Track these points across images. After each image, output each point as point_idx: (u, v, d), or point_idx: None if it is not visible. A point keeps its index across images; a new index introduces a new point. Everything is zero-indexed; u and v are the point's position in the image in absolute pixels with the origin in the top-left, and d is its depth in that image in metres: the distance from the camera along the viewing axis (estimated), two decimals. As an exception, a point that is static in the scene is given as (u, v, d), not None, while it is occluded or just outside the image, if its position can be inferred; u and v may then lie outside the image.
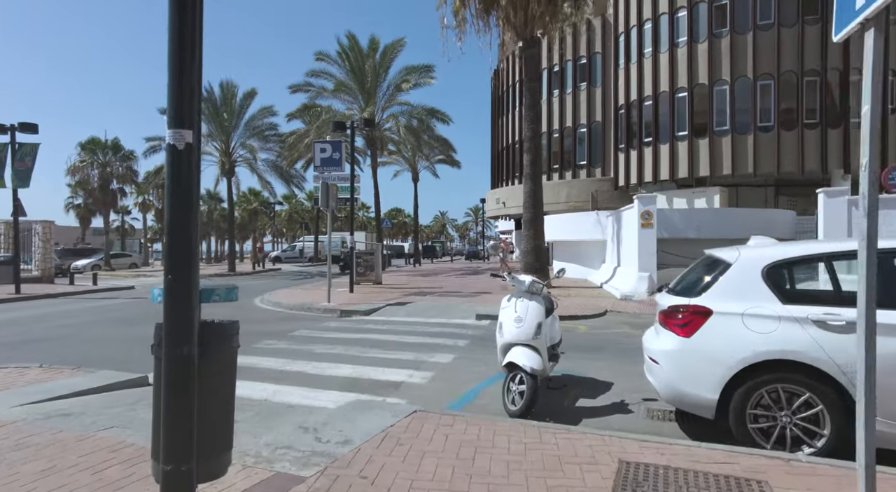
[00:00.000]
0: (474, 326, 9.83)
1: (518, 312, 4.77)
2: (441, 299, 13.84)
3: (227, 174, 30.15)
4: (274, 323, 10.61)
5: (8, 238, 22.90)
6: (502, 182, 35.99)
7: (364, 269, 19.35)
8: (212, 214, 52.07)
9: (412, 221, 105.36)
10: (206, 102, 29.57)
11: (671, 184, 25.20)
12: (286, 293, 16.14)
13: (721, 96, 23.20)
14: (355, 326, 10.04)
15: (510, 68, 34.93)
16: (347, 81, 26.74)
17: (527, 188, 16.85)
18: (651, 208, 13.73)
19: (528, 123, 16.81)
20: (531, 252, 16.66)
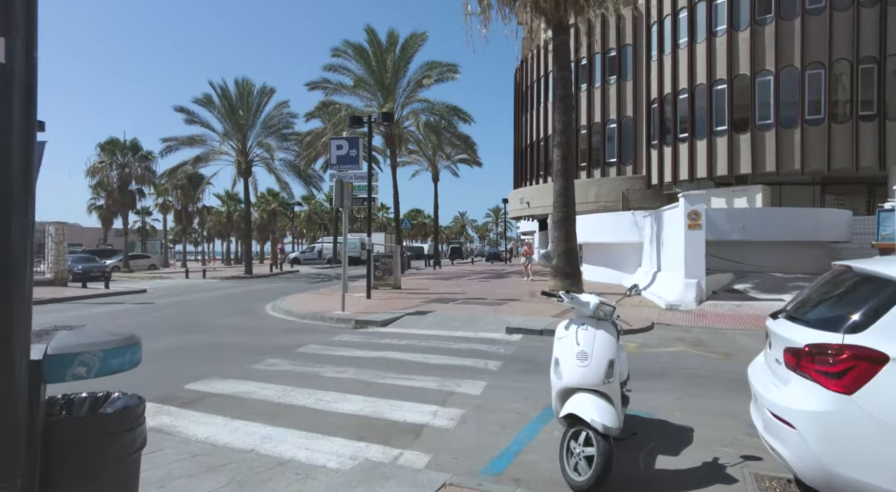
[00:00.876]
0: (505, 342, 8.64)
1: (581, 345, 3.57)
2: (465, 308, 12.68)
3: (244, 174, 29.45)
4: (282, 335, 9.57)
5: (22, 240, 22.49)
6: (526, 181, 34.66)
7: (382, 272, 18.29)
8: (231, 216, 51.79)
9: (431, 222, 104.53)
10: (221, 100, 28.98)
11: (709, 182, 23.60)
12: (300, 299, 15.16)
13: (764, 88, 21.57)
14: (371, 340, 8.93)
15: (534, 63, 33.58)
16: (366, 77, 25.77)
17: (557, 186, 15.58)
18: (699, 207, 12.35)
19: (560, 115, 15.54)
20: (562, 256, 15.37)
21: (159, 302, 15.91)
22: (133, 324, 11.13)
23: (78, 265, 26.13)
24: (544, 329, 9.28)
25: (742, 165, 22.09)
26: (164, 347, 8.37)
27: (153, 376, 6.45)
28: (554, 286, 15.32)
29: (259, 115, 29.72)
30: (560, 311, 11.69)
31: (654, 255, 16.14)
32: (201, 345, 8.63)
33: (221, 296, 17.95)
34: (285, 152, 30.96)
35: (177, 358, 7.58)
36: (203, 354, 7.85)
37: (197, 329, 10.37)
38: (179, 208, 45.29)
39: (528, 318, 10.65)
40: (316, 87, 27.52)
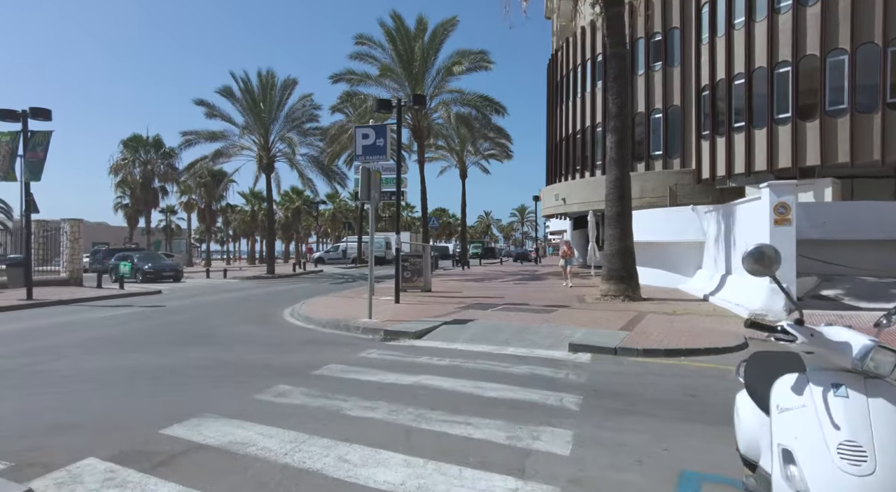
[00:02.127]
0: (573, 365, 6.92)
1: (848, 432, 1.84)
2: (509, 316, 10.99)
3: (266, 170, 28.29)
4: (298, 349, 8.05)
5: (39, 238, 21.64)
6: (560, 177, 32.71)
7: (411, 273, 16.73)
8: (255, 215, 51.04)
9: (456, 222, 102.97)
10: (243, 93, 27.88)
11: (768, 176, 21.32)
12: (322, 303, 13.68)
13: (837, 69, 19.27)
14: (404, 358, 7.32)
15: (571, 51, 31.63)
16: (392, 66, 24.29)
17: (611, 176, 13.78)
18: (788, 199, 10.40)
19: (614, 97, 13.73)
20: (616, 256, 13.58)
21: (171, 305, 14.65)
22: (128, 333, 9.77)
23: (146, 264, 25.24)
24: (619, 347, 7.54)
25: (809, 155, 19.84)
26: (154, 365, 6.91)
27: (128, 409, 4.95)
28: (607, 290, 13.54)
29: (282, 108, 28.56)
30: (627, 320, 9.91)
31: (721, 255, 14.17)
32: (201, 363, 7.14)
33: (239, 298, 16.63)
34: (308, 147, 29.79)
35: (166, 382, 6.09)
36: (200, 377, 6.35)
37: (201, 340, 8.93)
38: (203, 207, 44.59)
39: (590, 331, 8.91)
40: (340, 79, 26.23)
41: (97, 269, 34.41)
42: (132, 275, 25.09)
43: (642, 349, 7.42)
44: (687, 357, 7.35)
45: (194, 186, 41.18)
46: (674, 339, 8.17)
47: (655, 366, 6.83)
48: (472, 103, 24.99)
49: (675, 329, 9.09)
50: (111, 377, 6.24)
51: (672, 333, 8.63)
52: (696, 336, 8.44)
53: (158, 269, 25.46)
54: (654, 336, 8.40)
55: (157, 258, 28.24)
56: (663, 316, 10.70)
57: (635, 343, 7.80)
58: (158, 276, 25.04)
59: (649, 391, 5.61)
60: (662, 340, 8.03)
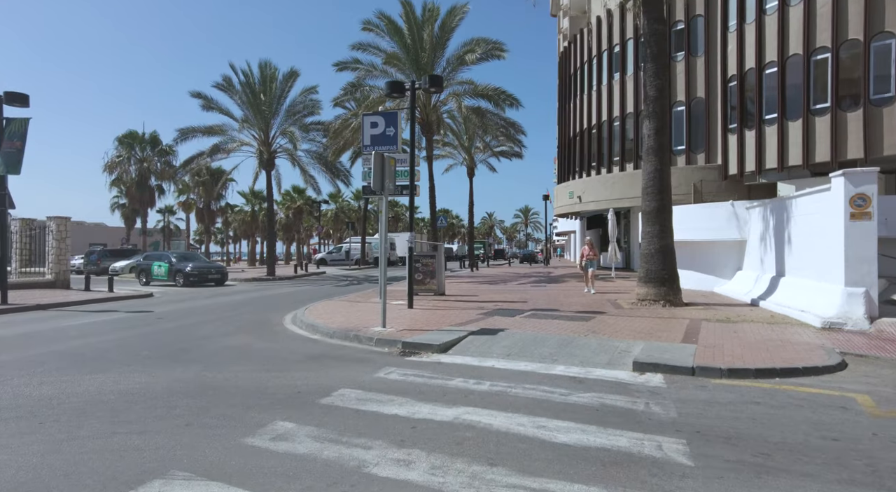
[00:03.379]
0: (647, 390, 5.50)
1: None
2: (542, 324, 9.58)
3: (267, 166, 26.92)
4: (301, 367, 6.64)
5: (24, 237, 20.29)
6: (573, 174, 31.32)
7: (423, 275, 15.34)
8: (255, 215, 49.65)
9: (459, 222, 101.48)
10: (243, 85, 26.52)
11: (803, 171, 19.94)
12: (328, 308, 12.28)
13: (883, 54, 17.84)
14: (433, 379, 5.91)
15: (587, 41, 30.26)
16: (400, 54, 22.90)
17: (649, 167, 12.38)
18: (868, 190, 8.99)
19: (652, 79, 12.33)
20: (655, 256, 12.17)
21: (160, 310, 13.26)
22: (100, 347, 8.36)
23: (187, 265, 22.11)
24: (696, 367, 6.11)
25: (850, 148, 18.40)
26: (119, 392, 5.50)
27: (62, 466, 3.51)
28: (645, 294, 12.13)
29: (283, 101, 27.20)
30: (683, 330, 8.49)
31: (770, 255, 12.75)
32: (179, 387, 5.74)
33: (236, 302, 15.24)
34: (311, 143, 28.41)
35: (129, 418, 4.69)
36: (175, 409, 4.94)
37: (185, 355, 7.53)
38: (201, 206, 43.19)
39: (649, 344, 7.49)
40: (345, 68, 24.81)
41: (91, 270, 33.16)
42: (170, 278, 22.10)
43: (726, 369, 6.01)
44: (782, 378, 5.93)
45: (192, 185, 39.82)
46: (754, 354, 6.76)
47: (752, 391, 5.41)
48: (486, 94, 23.59)
49: (746, 341, 7.67)
50: (57, 412, 4.83)
51: (747, 347, 7.22)
52: (777, 350, 7.03)
53: (203, 271, 22.08)
54: (729, 350, 6.99)
55: (198, 258, 25.31)
56: (720, 324, 9.29)
57: (712, 360, 6.39)
58: (203, 278, 21.81)
59: (772, 432, 4.20)
60: (743, 356, 6.62)
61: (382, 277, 9.17)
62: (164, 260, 22.94)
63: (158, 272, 22.59)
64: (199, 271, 21.90)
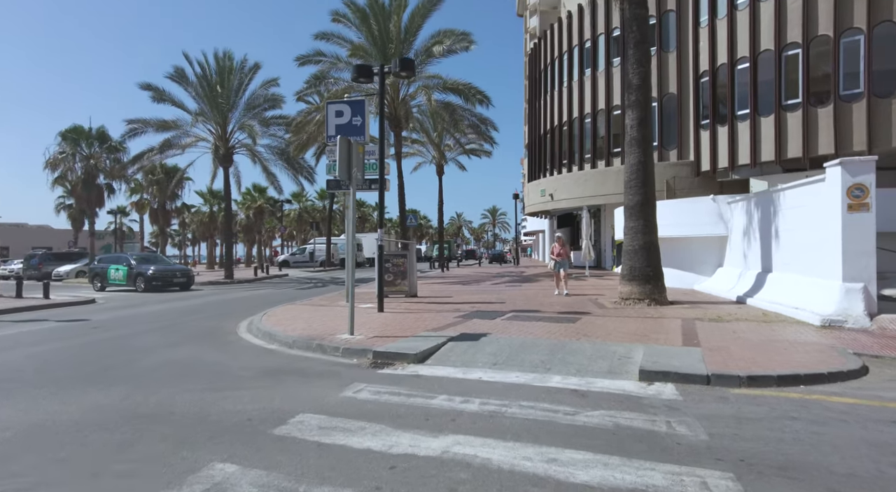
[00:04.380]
0: (663, 405, 4.71)
1: None
2: (526, 327, 8.76)
3: (224, 162, 25.35)
4: (254, 386, 5.59)
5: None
6: (544, 172, 30.86)
7: (394, 276, 14.37)
8: (214, 215, 47.40)
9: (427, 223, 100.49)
10: (198, 77, 24.92)
11: (775, 167, 19.88)
12: (288, 314, 11.17)
13: (852, 50, 17.86)
14: (413, 400, 4.98)
15: (552, 40, 29.86)
16: (366, 45, 21.85)
17: (632, 160, 11.75)
18: (866, 180, 8.53)
19: (635, 67, 11.71)
20: (639, 253, 11.56)
21: (98, 318, 11.86)
22: (11, 365, 7.09)
23: (149, 267, 20.06)
24: (712, 375, 5.38)
25: (821, 144, 18.37)
26: (21, 423, 4.37)
27: None
28: (629, 293, 11.50)
29: (242, 94, 25.70)
30: (679, 332, 7.82)
31: (755, 251, 12.32)
32: (98, 418, 4.64)
33: (187, 308, 13.92)
34: (272, 139, 26.94)
35: (23, 464, 3.59)
36: (87, 448, 3.86)
37: (115, 373, 6.37)
38: (156, 207, 40.84)
39: (649, 348, 6.76)
40: (307, 62, 23.58)
41: (32, 276, 30.67)
42: (129, 282, 20.19)
43: (745, 377, 5.30)
44: (807, 386, 5.26)
45: (146, 184, 37.56)
46: (767, 358, 6.10)
47: (781, 403, 4.70)
48: (456, 89, 22.76)
49: (751, 343, 7.04)
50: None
51: (755, 350, 6.57)
52: (789, 353, 6.40)
53: (167, 274, 20.19)
54: (738, 354, 6.32)
55: (161, 260, 23.29)
56: (714, 324, 8.68)
57: (725, 366, 5.68)
58: (167, 282, 19.98)
59: (831, 459, 3.45)
60: (756, 361, 5.94)
61: (350, 278, 8.18)
62: (123, 263, 21.03)
63: (116, 276, 20.72)
64: (163, 275, 20.09)
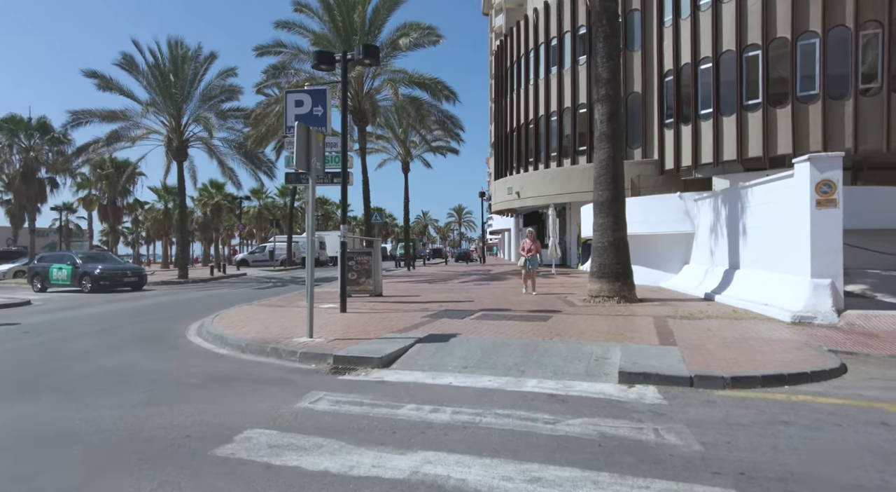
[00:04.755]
0: (648, 410, 4.39)
1: None
2: (496, 326, 8.40)
3: (177, 155, 24.11)
4: (199, 397, 5.00)
5: None
6: (511, 170, 30.75)
7: (358, 274, 13.80)
8: (169, 213, 45.39)
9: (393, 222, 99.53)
10: (150, 66, 23.60)
11: (736, 166, 20.26)
12: (242, 315, 10.47)
13: (808, 53, 18.34)
14: (377, 411, 4.50)
15: (519, 38, 29.75)
16: (329, 36, 21.13)
17: (601, 155, 11.57)
18: (834, 176, 8.53)
19: (605, 60, 11.52)
20: (609, 249, 11.39)
21: (31, 321, 10.86)
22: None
23: (96, 266, 18.71)
24: (695, 376, 5.11)
25: (780, 144, 18.81)
26: None
27: None
28: (598, 290, 11.32)
29: (198, 84, 24.50)
30: (654, 330, 7.59)
31: (722, 248, 12.34)
32: (11, 437, 3.97)
33: (134, 309, 12.98)
34: (230, 132, 25.80)
35: None
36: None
37: (44, 383, 5.64)
38: (105, 203, 38.70)
39: (625, 347, 6.48)
40: (266, 52, 22.66)
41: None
42: (74, 282, 18.91)
43: (729, 378, 5.05)
44: (791, 386, 5.06)
45: (94, 179, 35.48)
46: (747, 357, 5.91)
47: (769, 406, 4.45)
48: (423, 84, 22.25)
49: (727, 342, 6.87)
50: None
51: (733, 348, 6.39)
52: (768, 352, 6.24)
53: (116, 273, 18.89)
54: (717, 353, 6.10)
55: (110, 258, 21.76)
56: (687, 322, 8.53)
57: (707, 366, 5.44)
58: (116, 282, 18.71)
59: (833, 469, 3.18)
60: (737, 360, 5.73)
61: (309, 275, 7.60)
62: (67, 261, 19.62)
63: (59, 276, 19.33)
64: (112, 274, 18.79)
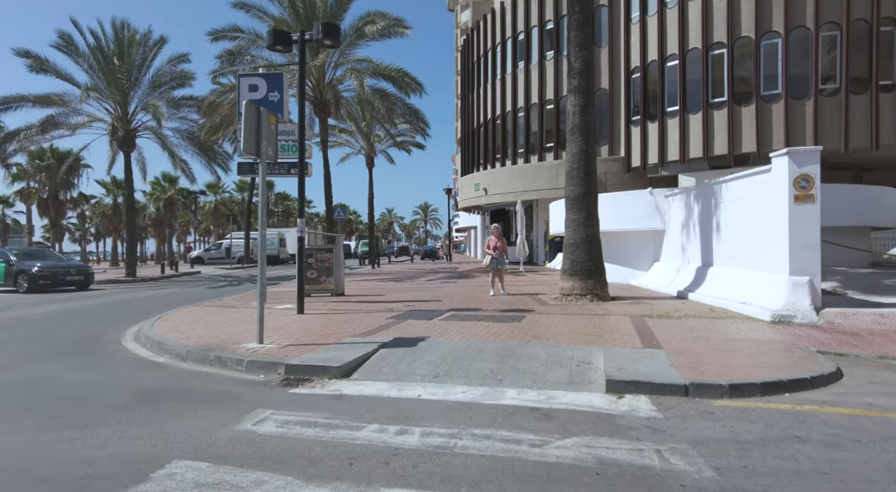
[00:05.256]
0: (646, 426, 3.87)
1: None
2: (469, 328, 7.81)
3: (124, 146, 22.52)
4: (121, 418, 4.18)
5: None
6: (478, 166, 30.27)
7: (318, 273, 12.97)
8: (118, 207, 42.92)
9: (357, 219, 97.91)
10: (92, 49, 21.95)
11: (702, 163, 20.35)
12: (189, 317, 9.54)
13: (771, 52, 18.51)
14: (333, 433, 3.81)
15: (486, 31, 29.28)
16: (290, 21, 20.09)
17: (574, 148, 11.13)
18: (812, 170, 8.31)
19: (577, 50, 11.08)
20: (581, 246, 10.97)
21: (-57, 326, 9.60)
22: None
23: (34, 264, 16.88)
24: (691, 384, 4.63)
25: (745, 142, 18.95)
26: None
27: None
28: (570, 289, 10.89)
29: (146, 70, 22.92)
30: (634, 331, 7.15)
31: (692, 245, 12.13)
32: None
33: (68, 311, 11.78)
34: (182, 121, 24.32)
35: None
36: None
37: (-77, 404, 4.69)
38: (46, 196, 36.17)
39: (609, 351, 5.99)
40: (222, 37, 21.45)
41: None
42: (8, 282, 17.22)
43: (727, 386, 4.59)
44: (791, 393, 4.66)
45: (32, 171, 33.04)
46: (739, 361, 5.51)
47: (775, 418, 4.01)
48: (388, 75, 21.44)
49: (711, 343, 6.49)
50: None
51: (721, 351, 6.00)
52: (755, 354, 5.88)
53: (57, 271, 17.18)
54: (705, 357, 5.68)
55: (51, 255, 19.91)
56: (666, 322, 8.16)
57: (699, 373, 4.98)
58: (58, 281, 17.07)
59: (875, 502, 2.70)
60: (729, 365, 5.31)
61: (261, 273, 6.80)
62: (0, 259, 17.92)
63: None
64: (53, 272, 17.15)
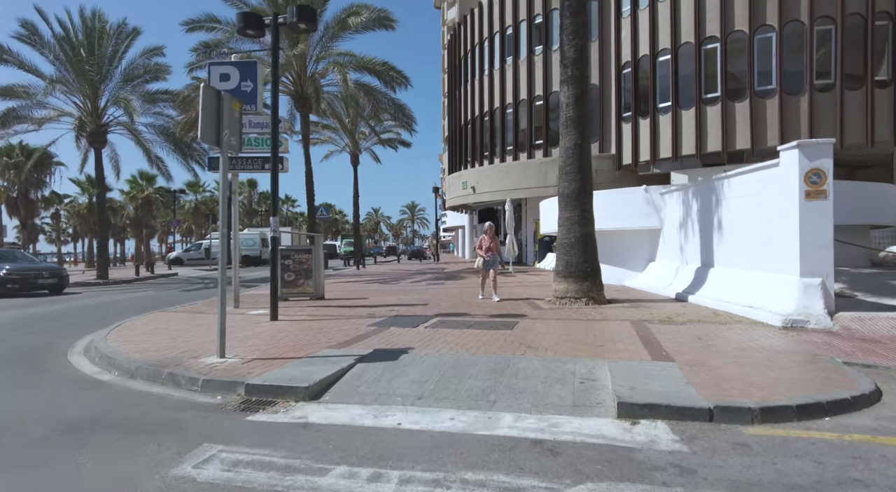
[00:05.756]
0: (674, 466, 3.18)
1: None
2: (457, 336, 7.10)
3: (95, 142, 21.47)
4: (30, 460, 3.40)
5: None
6: (466, 164, 29.59)
7: (296, 275, 12.18)
8: (94, 207, 41.44)
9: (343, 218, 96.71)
10: (59, 40, 20.88)
11: (695, 160, 19.88)
12: (151, 325, 8.71)
13: (765, 47, 18.08)
14: (291, 481, 3.08)
15: (473, 26, 28.61)
16: (267, 10, 19.20)
17: (567, 142, 10.48)
18: (824, 164, 7.74)
19: (571, 38, 10.44)
20: (576, 246, 10.33)
21: None
22: None
23: (2, 267, 15.75)
24: (716, 407, 3.97)
25: (738, 139, 18.51)
26: None
27: None
28: (564, 291, 10.24)
29: (118, 63, 21.90)
30: (638, 339, 6.50)
31: (691, 244, 11.56)
32: None
33: (27, 317, 10.85)
34: (157, 117, 23.30)
35: None
36: None
37: None
38: (16, 195, 34.74)
39: (614, 363, 5.32)
40: (197, 27, 20.54)
41: None
42: None
43: (758, 410, 3.94)
44: (833, 416, 4.02)
45: (0, 168, 31.68)
46: (762, 377, 4.87)
47: (822, 452, 3.36)
48: (373, 69, 20.66)
49: (725, 353, 5.86)
50: None
51: (738, 364, 5.37)
52: (778, 367, 5.25)
53: (28, 274, 16.15)
54: (724, 371, 5.04)
55: (23, 257, 18.76)
56: (669, 328, 7.53)
57: (723, 392, 4.33)
58: (29, 284, 16.01)
59: None
60: (752, 381, 4.67)
61: (222, 275, 6.02)
62: None
63: None
64: (23, 275, 16.06)
